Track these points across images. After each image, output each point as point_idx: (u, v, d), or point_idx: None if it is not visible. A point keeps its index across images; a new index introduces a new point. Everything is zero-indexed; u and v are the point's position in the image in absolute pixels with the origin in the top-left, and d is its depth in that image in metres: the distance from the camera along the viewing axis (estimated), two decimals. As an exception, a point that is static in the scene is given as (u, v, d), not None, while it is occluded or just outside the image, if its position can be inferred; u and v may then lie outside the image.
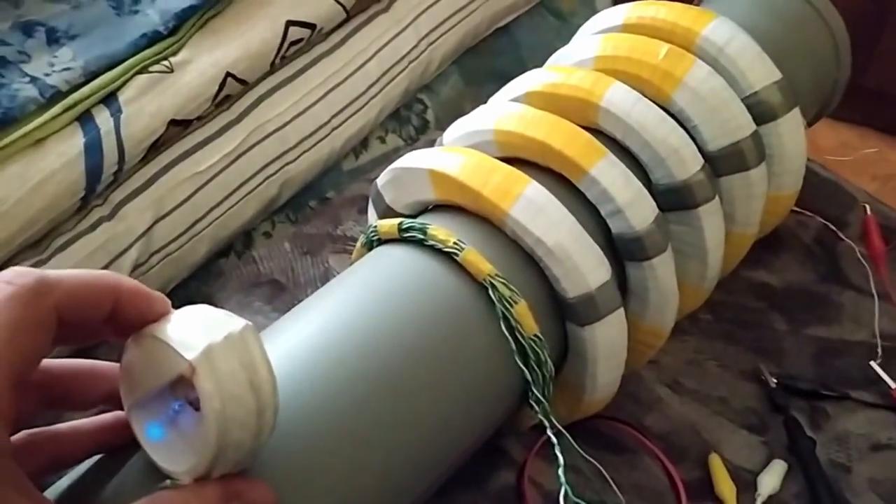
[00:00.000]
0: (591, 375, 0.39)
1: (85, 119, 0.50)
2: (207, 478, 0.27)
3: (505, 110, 0.43)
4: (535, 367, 0.37)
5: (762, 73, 0.47)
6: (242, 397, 0.26)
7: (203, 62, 0.54)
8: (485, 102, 0.62)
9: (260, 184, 0.57)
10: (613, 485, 0.43)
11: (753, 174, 0.45)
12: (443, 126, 0.70)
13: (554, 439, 0.35)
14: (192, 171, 0.54)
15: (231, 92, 0.56)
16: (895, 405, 0.47)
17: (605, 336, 0.38)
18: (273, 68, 0.58)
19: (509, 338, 0.37)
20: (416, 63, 0.66)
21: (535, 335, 0.37)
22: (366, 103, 0.62)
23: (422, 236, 0.38)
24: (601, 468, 0.43)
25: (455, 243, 0.37)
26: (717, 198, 0.43)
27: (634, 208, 0.40)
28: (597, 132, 0.43)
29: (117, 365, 0.29)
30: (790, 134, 0.47)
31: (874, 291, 0.51)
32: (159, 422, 0.28)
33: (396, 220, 0.39)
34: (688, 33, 0.47)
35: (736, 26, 0.46)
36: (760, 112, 0.46)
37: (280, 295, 0.52)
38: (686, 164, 0.42)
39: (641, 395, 0.48)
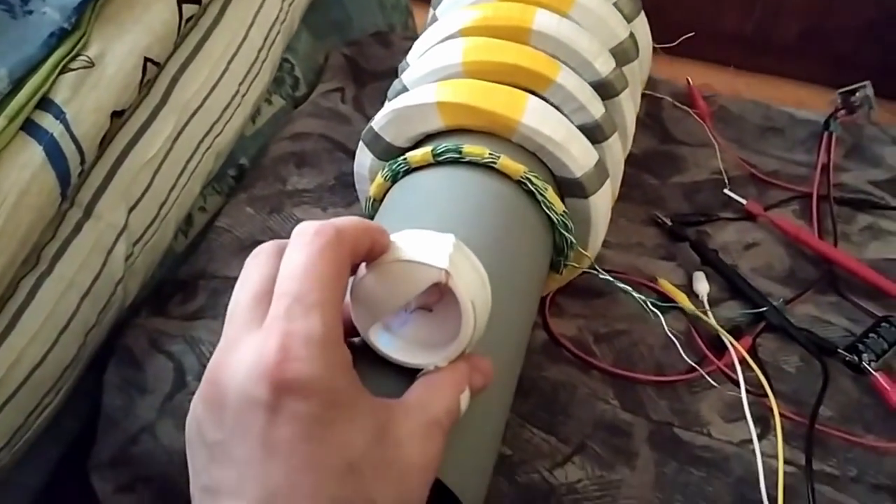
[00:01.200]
0: (593, 236, 0.51)
1: (30, 127, 0.49)
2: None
3: (465, 44, 0.52)
4: (569, 234, 0.48)
5: (616, -14, 0.60)
6: (480, 289, 0.33)
7: (119, 51, 0.55)
8: (331, 52, 0.70)
9: (200, 160, 0.59)
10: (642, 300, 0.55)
11: (635, 64, 0.59)
12: (309, 81, 0.75)
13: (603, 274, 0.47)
14: (144, 157, 0.55)
15: (150, 76, 0.57)
16: (749, 216, 0.65)
17: (602, 202, 0.50)
18: (175, 48, 0.60)
19: (550, 215, 0.47)
20: (285, 24, 0.70)
21: (564, 211, 0.47)
22: (260, 68, 0.66)
23: (457, 155, 0.46)
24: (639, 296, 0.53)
25: (490, 154, 0.46)
26: (629, 87, 0.56)
27: (591, 103, 0.51)
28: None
29: None
30: (643, 30, 0.62)
31: (714, 140, 0.69)
32: (390, 333, 0.34)
33: (427, 149, 0.47)
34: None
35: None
36: (623, 15, 0.59)
37: (272, 252, 0.55)
38: (606, 63, 0.54)
39: (585, 255, 0.61)
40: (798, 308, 0.58)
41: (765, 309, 0.56)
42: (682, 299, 0.56)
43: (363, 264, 0.33)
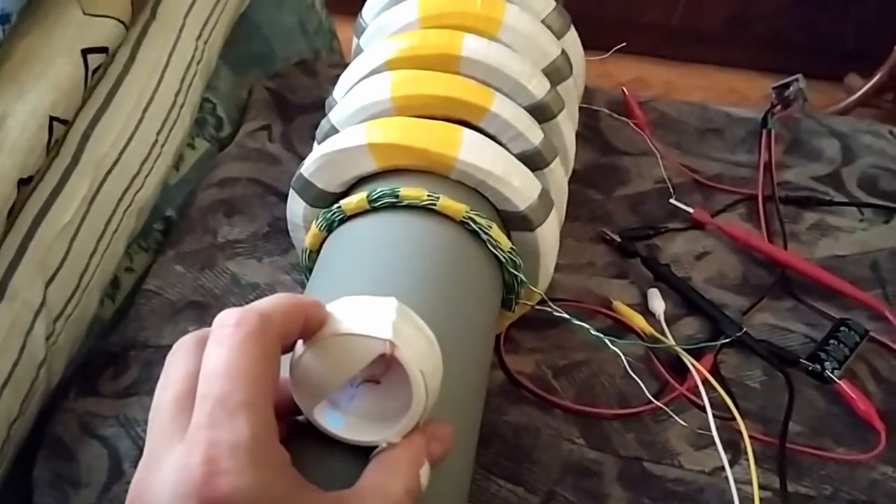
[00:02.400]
0: (542, 268, 0.49)
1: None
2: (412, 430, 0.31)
3: (393, 78, 0.49)
4: (517, 271, 0.45)
5: (542, 2, 0.58)
6: (429, 354, 0.31)
7: (21, 112, 0.51)
8: (254, 87, 0.67)
9: (121, 219, 0.56)
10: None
11: (570, 81, 0.57)
12: (233, 119, 0.72)
13: (561, 311, 0.45)
14: (59, 225, 0.51)
15: (58, 136, 0.53)
16: (698, 224, 0.63)
17: (550, 232, 0.48)
18: (83, 102, 0.56)
19: (496, 255, 0.44)
20: (202, 63, 0.66)
21: (511, 248, 0.45)
22: (179, 113, 0.62)
23: (394, 200, 0.43)
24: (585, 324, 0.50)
25: (428, 196, 0.43)
26: (566, 106, 0.54)
27: (529, 130, 0.49)
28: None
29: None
30: (575, 45, 0.60)
31: (654, 149, 0.67)
32: (337, 410, 0.31)
33: (362, 195, 0.44)
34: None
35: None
36: (553, 33, 0.57)
37: (207, 311, 0.52)
38: (540, 85, 0.52)
39: (536, 281, 0.59)
40: (755, 317, 0.57)
41: (721, 323, 0.55)
42: (639, 321, 0.55)
43: (300, 342, 0.30)
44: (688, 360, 0.51)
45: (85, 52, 0.55)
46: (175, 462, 0.26)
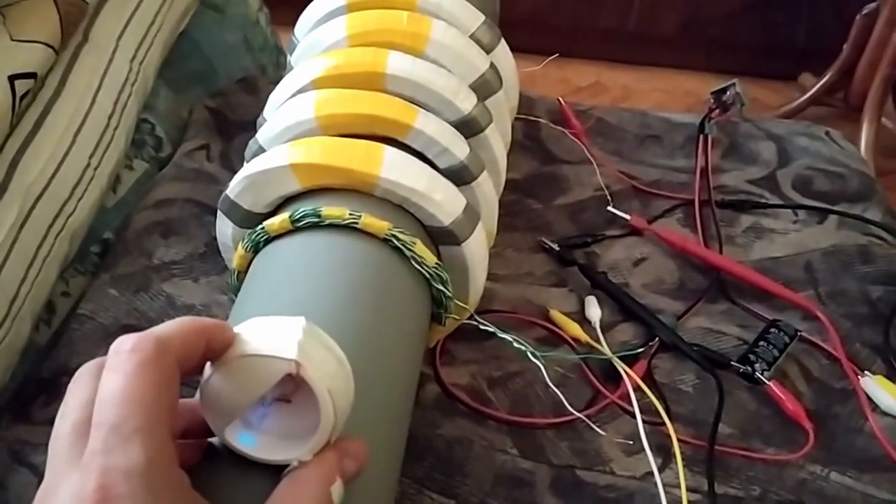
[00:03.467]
0: (472, 281, 0.49)
1: None
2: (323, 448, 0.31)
3: (317, 97, 0.49)
4: (445, 288, 0.46)
5: (471, 17, 0.58)
6: (337, 372, 0.31)
7: (-56, 141, 0.51)
8: (194, 106, 0.67)
9: (53, 245, 0.55)
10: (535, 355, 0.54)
11: (500, 94, 0.57)
12: (173, 139, 0.72)
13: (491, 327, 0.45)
14: (-14, 253, 0.50)
15: (-15, 163, 0.52)
16: (635, 231, 0.64)
17: (476, 246, 0.48)
18: (11, 129, 0.56)
19: (421, 271, 0.45)
20: (137, 84, 0.66)
21: (436, 263, 0.45)
22: (112, 136, 0.62)
23: (316, 220, 0.44)
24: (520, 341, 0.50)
25: (350, 214, 0.44)
26: (493, 120, 0.54)
27: (455, 145, 0.49)
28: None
29: (186, 401, 0.31)
30: (505, 58, 0.60)
31: (590, 157, 0.68)
32: (249, 430, 0.32)
33: (285, 216, 0.44)
34: (407, -1, 0.57)
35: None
36: (482, 47, 0.58)
37: (140, 336, 0.52)
38: (467, 99, 0.52)
39: (474, 293, 0.59)
40: (690, 321, 0.58)
41: (655, 329, 0.55)
42: (575, 330, 0.55)
43: (208, 364, 0.31)
44: (620, 366, 0.51)
45: (12, 79, 0.55)
46: (70, 489, 0.26)
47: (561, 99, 0.71)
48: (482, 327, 0.46)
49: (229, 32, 0.86)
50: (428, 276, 0.45)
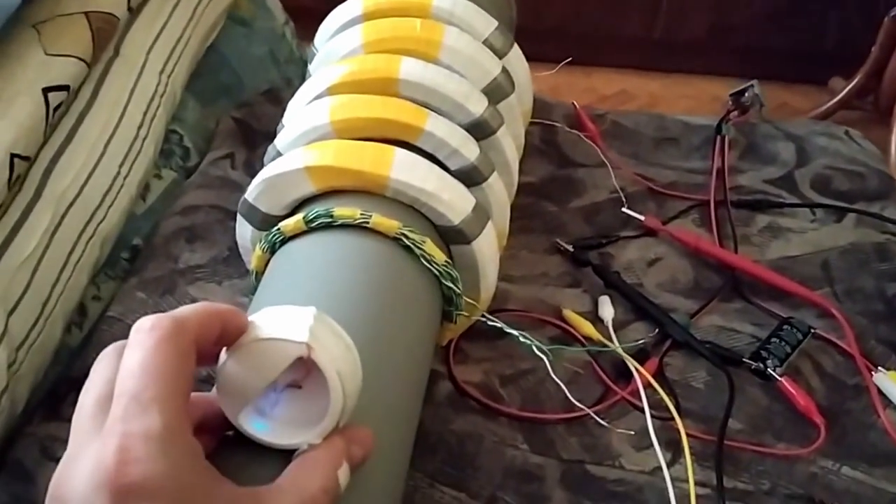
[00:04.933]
0: (483, 279, 0.50)
1: None
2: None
3: (332, 103, 0.51)
4: (454, 285, 0.47)
5: (484, 23, 0.60)
6: (346, 357, 0.33)
7: (-19, 151, 0.53)
8: (221, 117, 0.69)
9: (84, 250, 0.58)
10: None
11: (512, 98, 0.59)
12: (200, 150, 0.74)
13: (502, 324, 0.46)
14: (20, 257, 0.53)
15: (20, 172, 0.55)
16: (649, 232, 0.65)
17: (487, 244, 0.49)
18: (45, 138, 0.58)
19: (431, 269, 0.46)
20: (166, 96, 0.69)
21: (446, 261, 0.47)
22: (142, 146, 0.65)
23: (329, 220, 0.45)
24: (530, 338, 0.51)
25: (361, 214, 0.45)
26: (504, 122, 0.56)
27: (465, 146, 0.51)
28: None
29: (201, 395, 0.33)
30: (518, 63, 0.62)
31: (605, 160, 0.69)
32: (262, 417, 0.33)
33: (299, 217, 0.46)
34: (421, 5, 0.59)
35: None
36: (494, 52, 0.59)
37: (165, 336, 0.54)
38: (478, 103, 0.54)
39: (490, 294, 0.60)
40: (703, 319, 0.58)
41: (667, 326, 0.56)
42: (587, 329, 0.56)
43: (223, 350, 0.32)
44: (631, 363, 0.52)
45: (46, 91, 0.58)
46: (91, 455, 0.27)
47: (576, 103, 0.72)
48: (490, 324, 0.47)
49: (256, 46, 0.88)
50: (437, 273, 0.46)
